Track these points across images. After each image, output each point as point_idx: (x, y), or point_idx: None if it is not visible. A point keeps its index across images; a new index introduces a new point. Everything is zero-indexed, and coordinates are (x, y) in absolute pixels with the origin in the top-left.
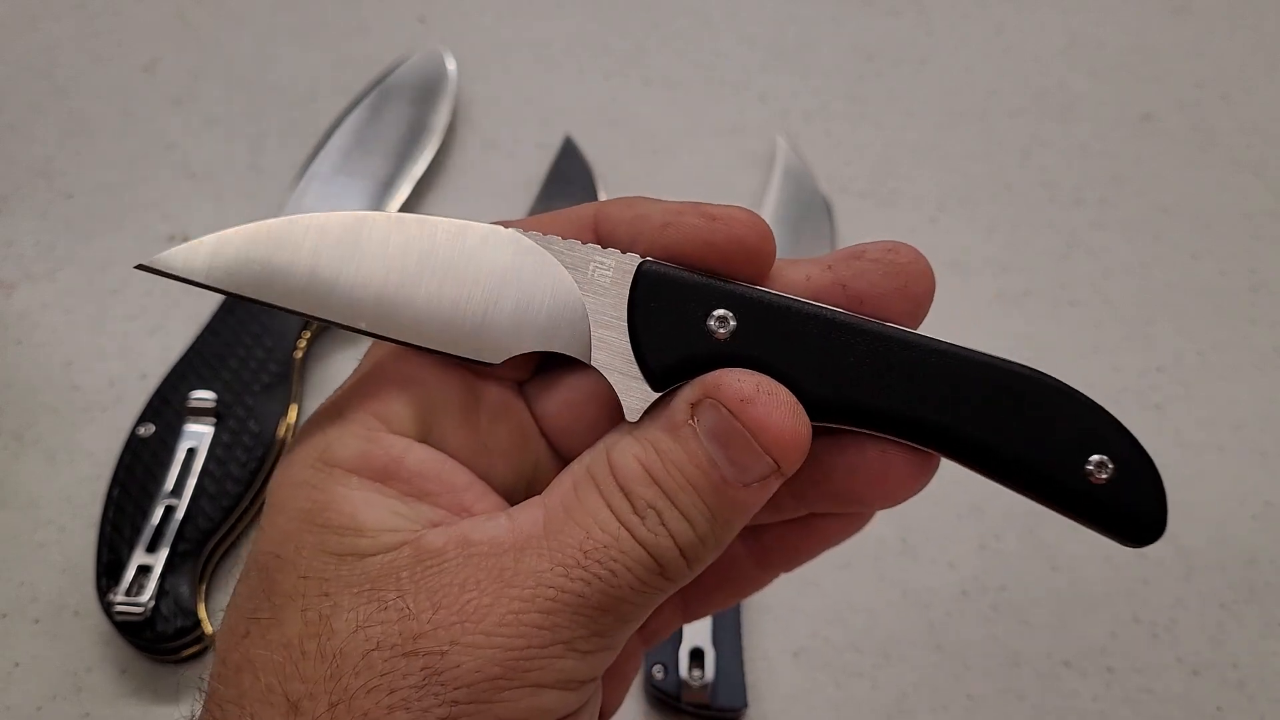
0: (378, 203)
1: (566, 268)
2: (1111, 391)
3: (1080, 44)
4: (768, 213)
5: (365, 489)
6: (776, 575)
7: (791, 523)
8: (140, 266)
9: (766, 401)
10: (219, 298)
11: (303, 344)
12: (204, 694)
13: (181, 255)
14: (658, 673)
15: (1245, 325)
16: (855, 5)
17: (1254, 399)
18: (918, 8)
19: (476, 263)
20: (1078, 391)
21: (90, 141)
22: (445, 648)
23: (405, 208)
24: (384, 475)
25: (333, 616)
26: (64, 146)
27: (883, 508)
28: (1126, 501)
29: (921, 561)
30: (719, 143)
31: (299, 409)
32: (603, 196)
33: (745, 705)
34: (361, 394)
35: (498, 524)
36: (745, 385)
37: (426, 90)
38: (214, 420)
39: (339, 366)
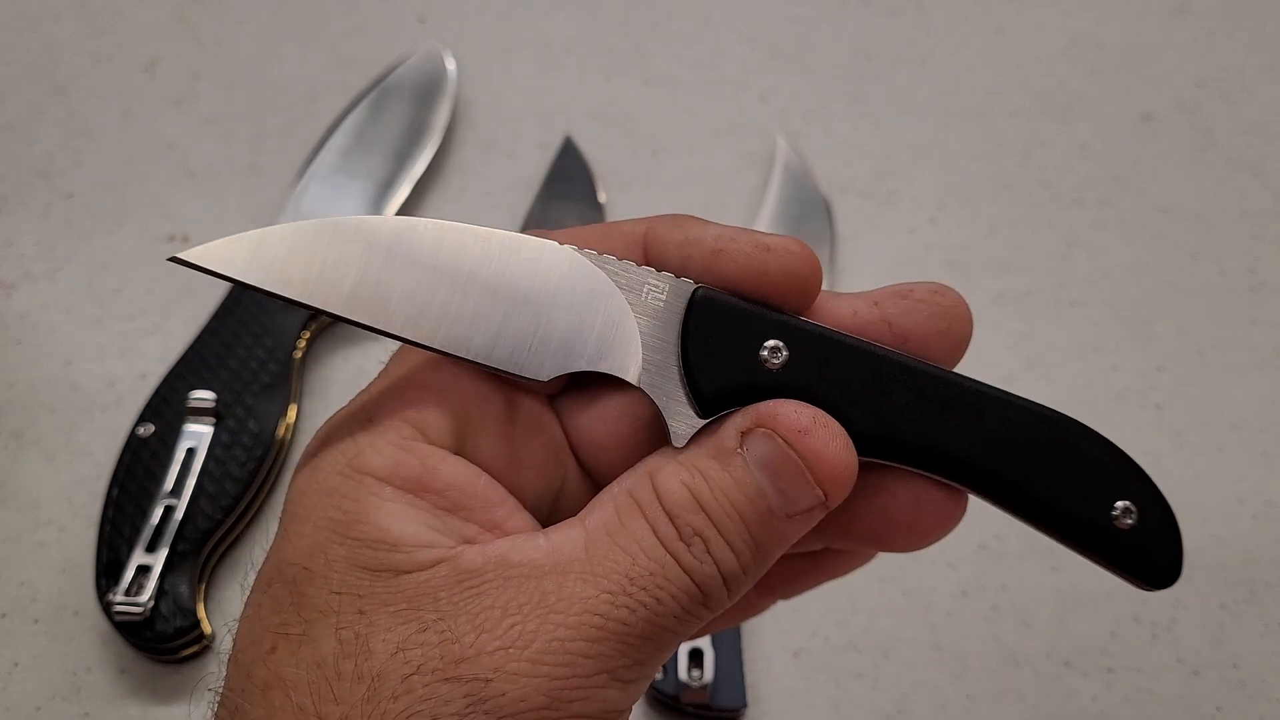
0: (377, 203)
1: (620, 289)
2: (1111, 391)
3: (1080, 44)
4: (767, 212)
5: (398, 500)
6: (774, 602)
7: (802, 555)
8: (174, 259)
9: (822, 434)
10: (218, 298)
11: (303, 344)
12: (222, 707)
13: (221, 249)
14: (657, 673)
15: (1245, 325)
16: (855, 5)
17: (1254, 399)
18: (918, 8)
19: (529, 278)
20: (1108, 440)
21: (90, 141)
22: (490, 675)
23: (405, 208)
24: (417, 487)
25: (369, 636)
26: (64, 146)
27: (907, 550)
28: (1147, 548)
29: (921, 561)
30: (719, 143)
31: (299, 409)
32: (603, 197)
33: (745, 705)
34: (395, 400)
35: (535, 545)
36: (802, 416)
37: (426, 90)
38: (214, 420)
39: (339, 366)
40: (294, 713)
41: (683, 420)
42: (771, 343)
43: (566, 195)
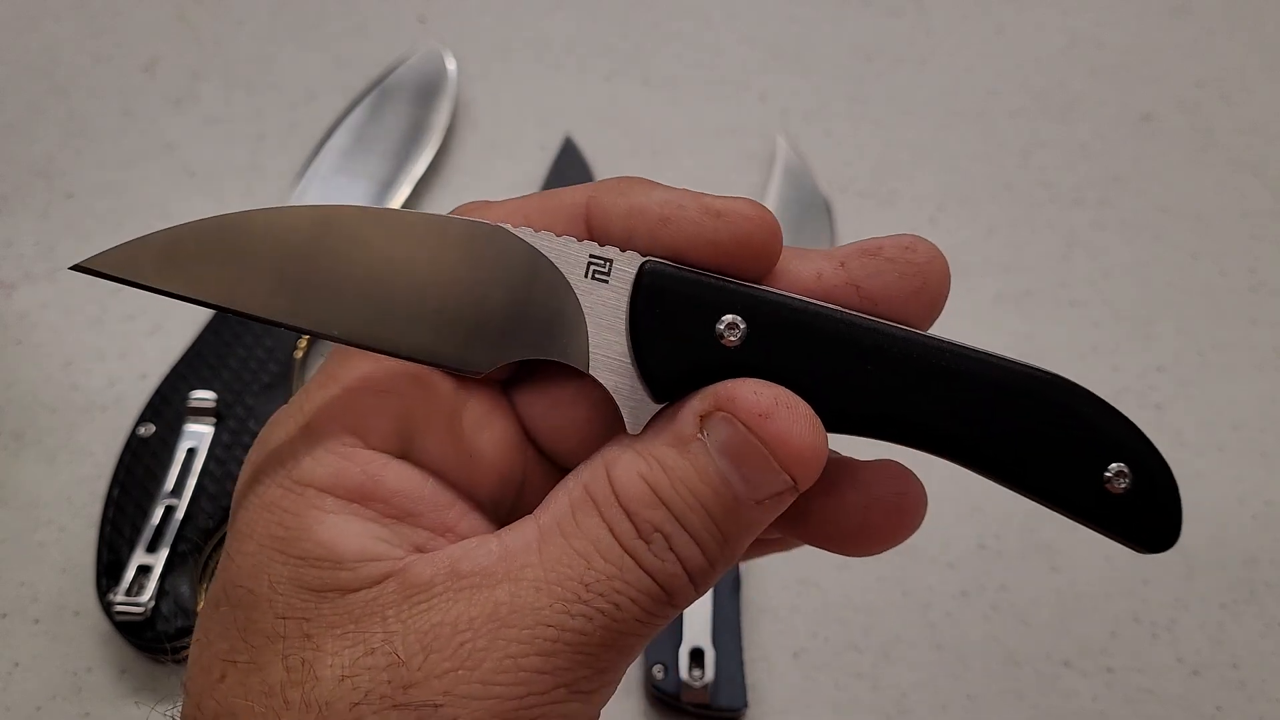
0: (378, 203)
1: (560, 267)
2: (1111, 391)
3: (1080, 44)
4: None
5: (341, 511)
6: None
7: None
8: (75, 268)
9: (786, 416)
10: None
11: (303, 344)
12: None
13: (125, 254)
14: (658, 673)
15: (1245, 325)
16: (855, 5)
17: (1254, 399)
18: (918, 8)
19: (460, 262)
20: (1098, 397)
21: (90, 141)
22: (440, 700)
23: (406, 208)
24: (361, 496)
25: (316, 663)
26: (64, 146)
27: (859, 556)
28: (1143, 510)
29: (921, 561)
30: (719, 143)
31: None
32: None
33: (745, 705)
34: (334, 404)
35: (488, 550)
36: (763, 398)
37: (426, 90)
38: (214, 420)
39: None
40: None
41: (637, 405)
42: (728, 318)
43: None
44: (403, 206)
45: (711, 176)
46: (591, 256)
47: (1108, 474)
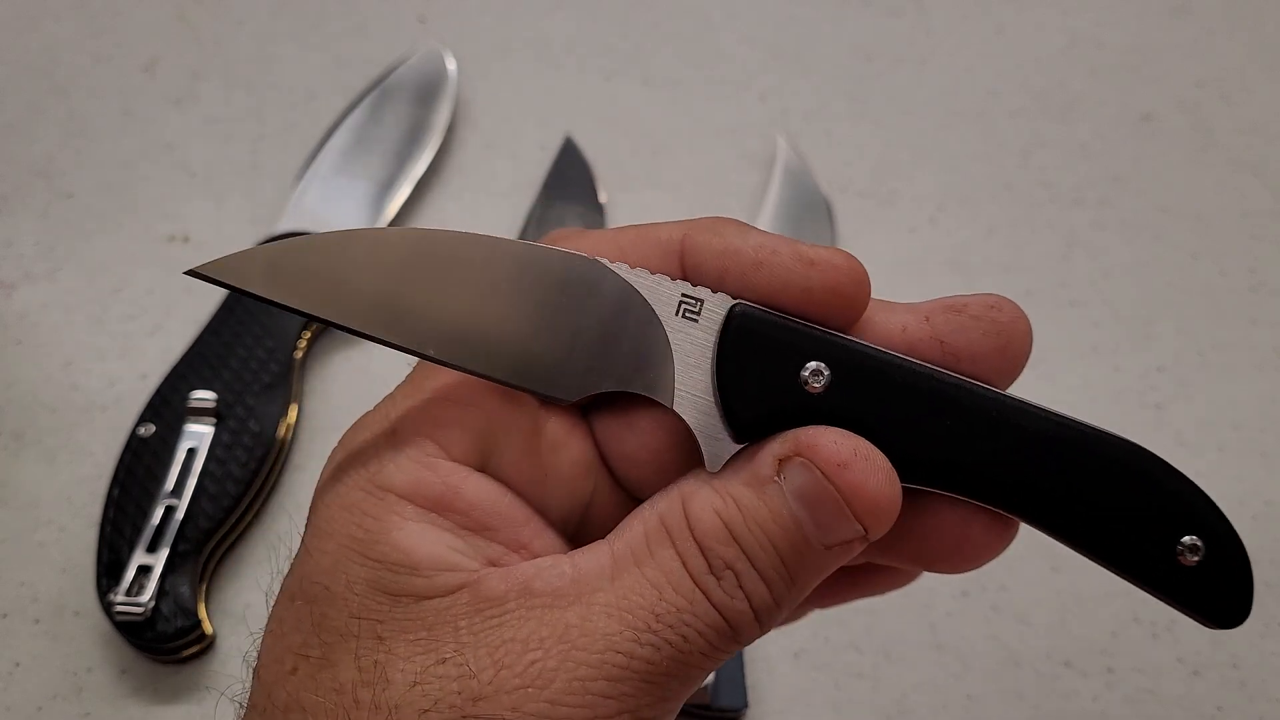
0: (378, 203)
1: (652, 304)
2: (1111, 391)
3: (1080, 44)
4: (768, 213)
5: (420, 519)
6: (810, 612)
7: (844, 569)
8: (190, 273)
9: (863, 467)
10: (219, 298)
11: (303, 344)
12: None
13: (236, 263)
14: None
15: (1245, 325)
16: (855, 5)
17: (1254, 399)
18: (918, 8)
19: (556, 292)
20: (1174, 468)
21: (90, 141)
22: (508, 715)
23: (406, 208)
24: (439, 506)
25: (388, 665)
26: (64, 146)
27: (953, 573)
28: (1214, 584)
29: None
30: (719, 143)
31: (299, 409)
32: (603, 197)
33: (745, 705)
34: (419, 414)
35: (560, 572)
36: (842, 449)
37: (426, 90)
38: (214, 420)
39: (339, 367)
40: None
41: (718, 443)
42: (813, 365)
43: (567, 195)
44: (403, 206)
45: (711, 176)
46: (684, 296)
47: (1181, 546)
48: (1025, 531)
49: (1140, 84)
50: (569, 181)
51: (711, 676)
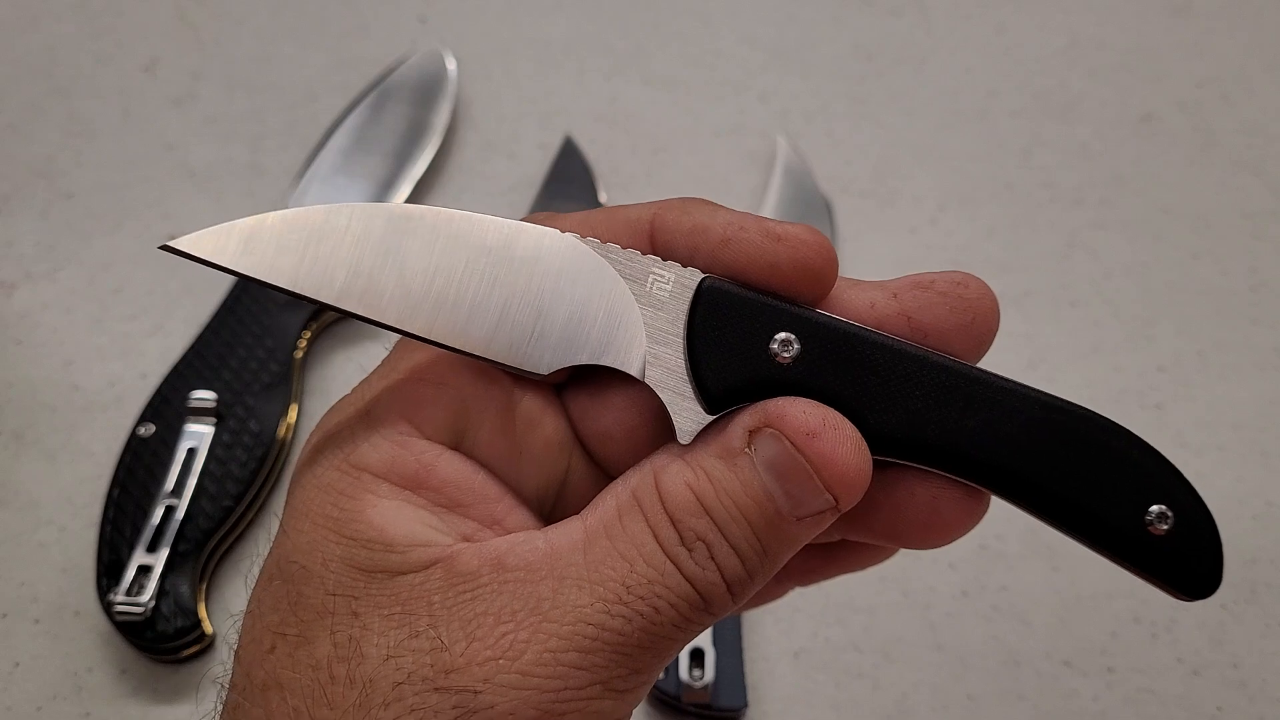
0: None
1: (624, 279)
2: (1111, 391)
3: (1080, 44)
4: (768, 213)
5: (395, 497)
6: (790, 589)
7: (819, 545)
8: (164, 247)
9: (832, 437)
10: (219, 298)
11: (303, 344)
12: (225, 704)
13: (212, 238)
14: (659, 676)
15: (1245, 325)
16: (855, 5)
17: (1254, 399)
18: (918, 8)
19: (529, 267)
20: (1142, 440)
21: (90, 141)
22: (479, 686)
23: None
24: (414, 483)
25: (362, 640)
26: (64, 146)
27: (924, 548)
28: (1183, 555)
29: (921, 561)
30: (719, 143)
31: (299, 409)
32: (603, 197)
33: (745, 705)
34: (394, 394)
35: (534, 546)
36: (811, 418)
37: (426, 90)
38: (214, 420)
39: (339, 366)
40: (289, 715)
41: (689, 416)
42: (782, 335)
43: (567, 195)
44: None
45: (711, 176)
46: (654, 270)
47: (1149, 515)
48: (1025, 531)
49: (1140, 84)
50: (569, 181)
51: (711, 675)
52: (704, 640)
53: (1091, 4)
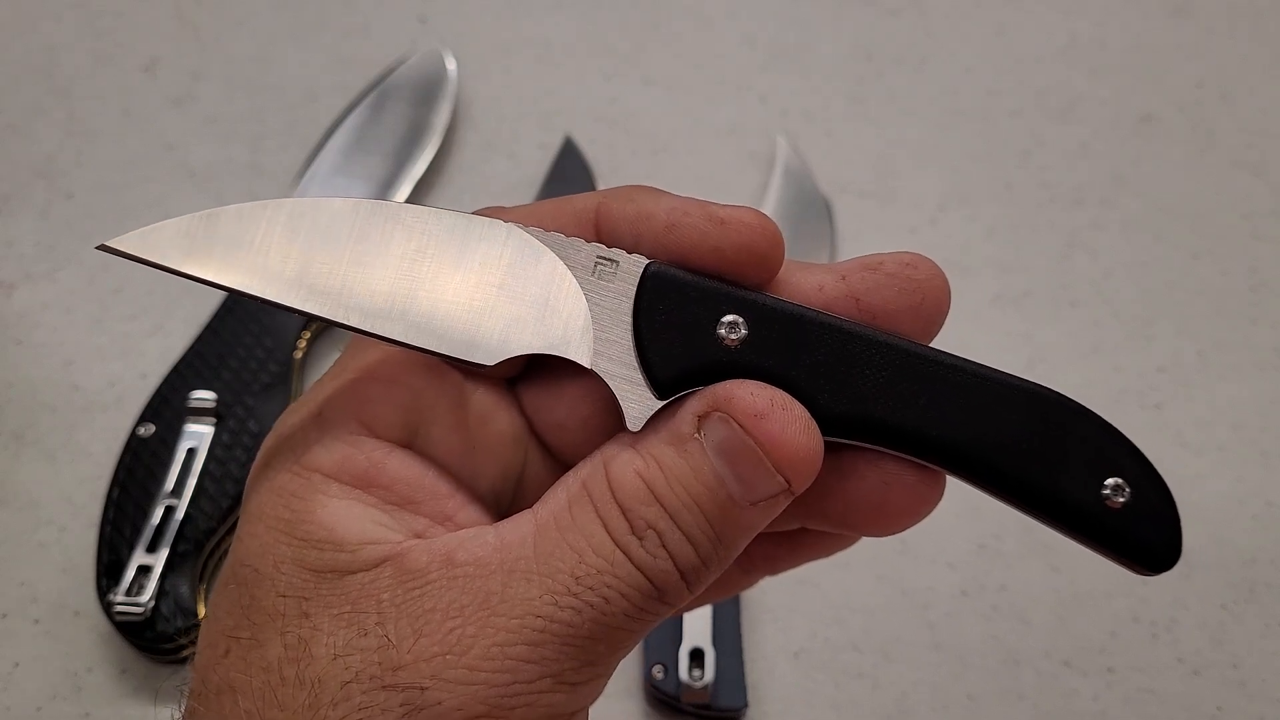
0: None
1: (569, 266)
2: (1111, 392)
3: (1080, 44)
4: (767, 212)
5: (345, 496)
6: (759, 579)
7: (780, 534)
8: (101, 247)
9: (781, 417)
10: (220, 297)
11: (303, 344)
12: (184, 711)
13: (147, 236)
14: (658, 673)
15: (1245, 325)
16: (855, 5)
17: (1254, 399)
18: (918, 8)
19: (473, 258)
20: (1095, 414)
21: (90, 141)
22: (426, 683)
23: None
24: (364, 482)
25: (312, 641)
26: (64, 146)
27: (882, 534)
28: (1141, 527)
29: (921, 561)
30: (719, 143)
31: None
32: None
33: (745, 705)
34: (345, 395)
35: (484, 541)
36: (759, 399)
37: (426, 90)
38: (214, 420)
39: None
40: (242, 718)
41: (639, 403)
42: (729, 318)
43: (567, 195)
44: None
45: (711, 176)
46: (599, 257)
47: (1105, 489)
48: (1025, 532)
49: (1140, 84)
50: (569, 181)
51: (711, 676)
52: (704, 640)
53: (1091, 4)
